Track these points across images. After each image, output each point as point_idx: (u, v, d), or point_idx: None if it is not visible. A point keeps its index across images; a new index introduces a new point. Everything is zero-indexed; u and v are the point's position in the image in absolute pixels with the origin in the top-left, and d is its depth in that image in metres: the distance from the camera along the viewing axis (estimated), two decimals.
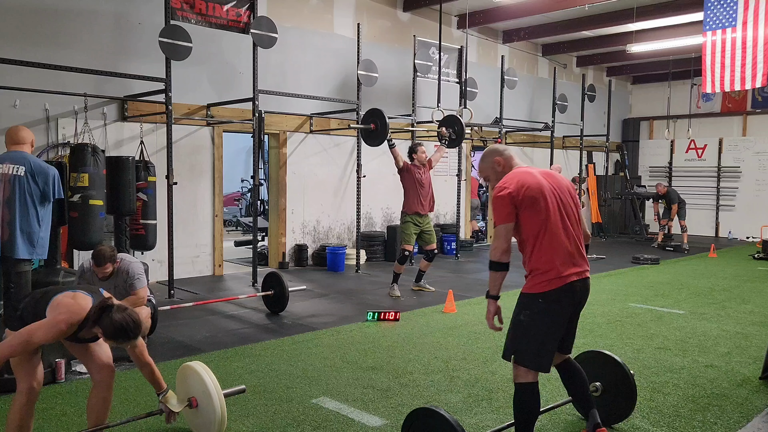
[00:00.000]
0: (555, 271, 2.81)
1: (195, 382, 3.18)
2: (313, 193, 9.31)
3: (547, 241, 2.83)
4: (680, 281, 8.32)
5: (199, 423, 3.20)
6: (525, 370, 2.84)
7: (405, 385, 4.09)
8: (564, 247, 2.85)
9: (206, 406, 3.11)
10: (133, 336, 2.66)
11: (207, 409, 3.11)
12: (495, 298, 2.89)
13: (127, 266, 4.49)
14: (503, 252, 2.84)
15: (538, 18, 10.92)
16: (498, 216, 2.88)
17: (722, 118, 14.67)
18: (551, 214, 2.85)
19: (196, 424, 3.24)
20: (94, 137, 6.81)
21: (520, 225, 2.88)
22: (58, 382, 3.99)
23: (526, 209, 2.84)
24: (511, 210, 2.85)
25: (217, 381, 3.14)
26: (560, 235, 2.85)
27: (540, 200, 2.84)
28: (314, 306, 6.52)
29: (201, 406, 3.14)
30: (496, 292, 2.88)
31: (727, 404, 3.78)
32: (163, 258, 7.14)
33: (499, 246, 2.85)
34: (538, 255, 2.85)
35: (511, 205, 2.84)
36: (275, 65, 8.51)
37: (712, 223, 14.69)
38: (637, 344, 5.11)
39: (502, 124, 11.07)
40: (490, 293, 2.90)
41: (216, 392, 3.07)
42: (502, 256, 2.84)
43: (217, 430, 3.09)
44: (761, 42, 6.67)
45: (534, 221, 2.84)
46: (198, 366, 3.19)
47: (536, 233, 2.85)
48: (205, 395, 3.10)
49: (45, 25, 6.68)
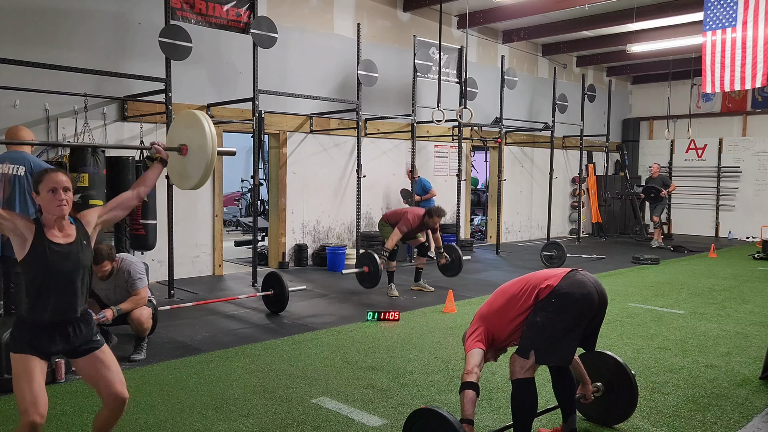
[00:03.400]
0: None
1: (191, 129, 3.06)
2: (313, 193, 9.31)
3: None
4: (680, 281, 8.32)
5: (182, 173, 3.11)
6: (521, 366, 2.87)
7: (405, 385, 4.09)
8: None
9: (197, 152, 3.00)
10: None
11: (197, 155, 3.00)
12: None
13: (128, 266, 4.49)
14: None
15: (538, 18, 10.91)
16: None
17: (722, 118, 14.67)
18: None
19: (177, 173, 3.15)
20: (94, 137, 6.81)
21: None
22: (58, 382, 3.99)
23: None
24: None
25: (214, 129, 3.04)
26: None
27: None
28: (314, 306, 6.52)
29: (190, 154, 3.04)
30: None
31: (727, 404, 3.78)
32: (163, 258, 7.14)
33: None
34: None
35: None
36: (275, 65, 8.51)
37: (712, 223, 14.69)
38: (637, 344, 5.11)
39: (502, 124, 11.07)
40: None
41: (211, 136, 2.96)
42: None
43: (203, 175, 3.00)
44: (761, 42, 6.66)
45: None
46: (198, 113, 3.08)
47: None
48: (199, 136, 2.99)
49: (45, 25, 6.68)
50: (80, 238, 2.72)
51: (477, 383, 2.86)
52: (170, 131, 3.26)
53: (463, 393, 2.86)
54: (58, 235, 2.67)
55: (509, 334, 3.02)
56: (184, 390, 3.94)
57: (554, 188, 11.55)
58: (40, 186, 2.66)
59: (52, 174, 2.67)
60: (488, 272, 8.99)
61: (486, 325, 3.06)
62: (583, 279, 2.93)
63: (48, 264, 2.63)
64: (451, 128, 10.66)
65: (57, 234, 2.67)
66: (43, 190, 2.65)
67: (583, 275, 2.96)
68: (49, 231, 2.66)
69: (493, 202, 12.21)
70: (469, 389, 2.85)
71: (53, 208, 2.64)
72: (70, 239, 2.69)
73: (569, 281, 2.91)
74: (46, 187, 2.64)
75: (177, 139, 3.13)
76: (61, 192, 2.65)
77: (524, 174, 13.12)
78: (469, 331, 3.11)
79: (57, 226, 2.68)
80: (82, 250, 2.72)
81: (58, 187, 2.64)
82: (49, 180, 2.65)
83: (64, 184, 2.67)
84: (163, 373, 4.25)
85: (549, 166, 11.39)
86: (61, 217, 2.67)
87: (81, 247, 2.72)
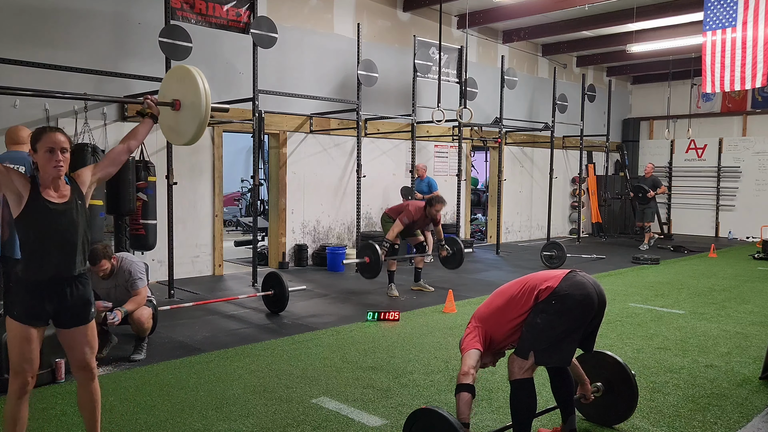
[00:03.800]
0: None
1: (183, 84, 3.00)
2: (313, 193, 9.31)
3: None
4: (680, 281, 8.32)
5: (174, 128, 3.04)
6: (520, 367, 2.87)
7: (405, 385, 4.09)
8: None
9: (190, 108, 2.95)
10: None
11: (190, 111, 2.95)
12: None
13: (128, 266, 4.50)
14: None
15: (538, 18, 10.91)
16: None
17: (722, 118, 14.67)
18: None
19: (170, 128, 3.08)
20: (94, 137, 6.81)
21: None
22: (58, 382, 3.99)
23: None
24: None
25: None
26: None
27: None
28: (314, 306, 6.52)
29: (183, 109, 2.99)
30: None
31: (727, 404, 3.78)
32: (163, 258, 7.14)
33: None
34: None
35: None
36: (275, 65, 8.51)
37: (712, 223, 14.68)
38: (637, 344, 5.11)
39: (502, 124, 11.06)
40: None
41: (204, 93, 2.92)
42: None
43: (196, 132, 2.95)
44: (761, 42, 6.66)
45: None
46: (191, 68, 3.04)
47: None
48: (194, 95, 2.93)
49: (45, 25, 6.68)
50: (75, 197, 2.74)
51: (473, 385, 2.86)
52: (162, 85, 3.18)
53: (459, 395, 2.85)
54: (53, 195, 2.68)
55: (507, 335, 3.02)
56: (184, 390, 3.94)
57: (554, 188, 11.55)
58: (39, 144, 2.66)
59: (51, 134, 2.67)
60: (488, 272, 8.99)
61: (484, 325, 3.06)
62: (583, 280, 2.93)
63: (42, 222, 2.65)
64: (451, 128, 10.66)
65: (52, 194, 2.69)
66: (41, 149, 2.65)
67: (583, 276, 2.96)
68: (45, 190, 2.67)
69: (493, 202, 12.21)
70: (465, 392, 2.84)
71: (50, 168, 2.65)
72: (65, 198, 2.71)
73: (569, 283, 2.90)
74: (44, 146, 2.65)
75: (170, 93, 3.05)
76: (59, 153, 2.66)
77: (524, 174, 13.12)
78: (466, 332, 3.10)
79: (53, 185, 2.69)
80: (77, 208, 2.74)
81: (55, 148, 2.65)
82: (48, 139, 2.65)
83: (62, 144, 2.67)
84: (163, 373, 4.25)
85: (549, 166, 11.38)
86: (57, 177, 2.68)
87: (76, 206, 2.73)
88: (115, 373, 4.24)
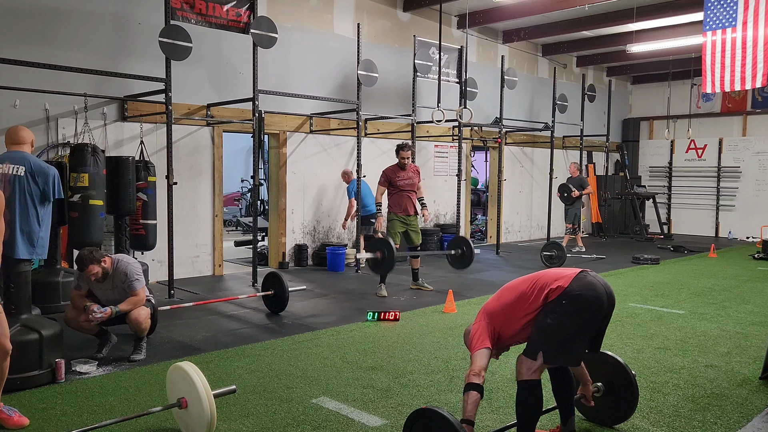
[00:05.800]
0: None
1: (185, 382, 3.16)
2: (313, 193, 9.31)
3: None
4: (680, 281, 8.32)
5: (189, 424, 3.19)
6: (528, 368, 2.86)
7: (405, 385, 4.09)
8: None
9: (196, 407, 3.09)
10: None
11: (197, 409, 3.09)
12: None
13: (124, 267, 4.50)
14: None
15: (538, 18, 10.91)
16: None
17: (722, 118, 14.67)
18: None
19: (185, 424, 3.24)
20: (94, 137, 6.81)
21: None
22: (58, 382, 3.99)
23: None
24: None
25: (207, 382, 3.12)
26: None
27: None
28: (314, 306, 6.52)
29: (191, 407, 3.13)
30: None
31: (727, 404, 3.78)
32: (163, 258, 7.14)
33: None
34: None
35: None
36: (275, 65, 8.51)
37: (712, 223, 14.69)
38: (637, 344, 5.11)
39: (502, 124, 11.06)
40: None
41: (205, 393, 3.05)
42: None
43: (206, 431, 3.08)
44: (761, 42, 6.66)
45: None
46: (187, 366, 3.17)
47: None
48: (195, 396, 3.08)
49: (45, 25, 6.68)
50: None
51: (482, 385, 2.84)
52: (168, 382, 3.37)
53: (467, 394, 2.83)
54: None
55: (515, 332, 2.99)
56: None
57: (554, 188, 11.54)
58: None
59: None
60: (488, 272, 8.99)
61: (492, 322, 3.02)
62: (594, 281, 2.90)
63: None
64: (451, 128, 10.66)
65: None
66: None
67: (593, 277, 2.93)
68: None
69: (493, 202, 12.21)
70: (474, 390, 2.81)
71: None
72: None
73: (580, 283, 2.87)
74: None
75: (175, 391, 3.26)
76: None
77: (524, 174, 13.12)
78: (474, 327, 3.05)
79: None
80: None
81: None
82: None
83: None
84: (163, 373, 4.24)
85: (549, 166, 11.39)
86: None
87: None
88: (114, 373, 4.24)
